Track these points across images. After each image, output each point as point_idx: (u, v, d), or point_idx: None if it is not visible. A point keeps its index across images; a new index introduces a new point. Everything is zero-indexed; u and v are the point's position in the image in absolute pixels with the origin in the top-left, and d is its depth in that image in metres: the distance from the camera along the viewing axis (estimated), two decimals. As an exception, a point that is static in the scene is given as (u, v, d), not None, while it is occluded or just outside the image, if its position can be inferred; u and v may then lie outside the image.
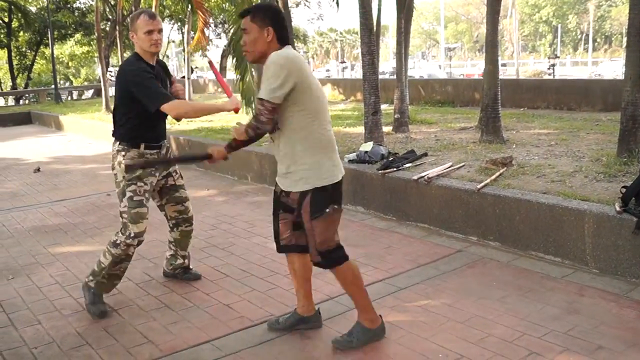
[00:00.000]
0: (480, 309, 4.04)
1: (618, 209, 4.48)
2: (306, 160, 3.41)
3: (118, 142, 4.29)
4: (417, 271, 4.82)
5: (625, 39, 6.86)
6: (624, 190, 4.62)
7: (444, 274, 4.73)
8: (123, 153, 4.26)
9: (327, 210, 3.46)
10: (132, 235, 4.27)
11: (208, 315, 4.19)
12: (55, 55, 28.08)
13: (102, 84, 18.87)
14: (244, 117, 13.18)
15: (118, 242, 4.27)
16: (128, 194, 4.26)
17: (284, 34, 3.49)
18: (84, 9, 31.92)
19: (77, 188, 8.96)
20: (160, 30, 4.23)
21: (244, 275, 4.94)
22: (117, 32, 17.92)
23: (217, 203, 7.52)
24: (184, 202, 4.77)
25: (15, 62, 35.06)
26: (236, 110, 4.22)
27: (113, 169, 4.34)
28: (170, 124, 13.19)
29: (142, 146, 4.31)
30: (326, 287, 4.53)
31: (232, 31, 13.50)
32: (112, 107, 15.50)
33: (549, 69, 33.89)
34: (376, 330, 3.69)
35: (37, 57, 36.47)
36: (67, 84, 41.32)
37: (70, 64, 41.07)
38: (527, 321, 3.83)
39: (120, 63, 27.11)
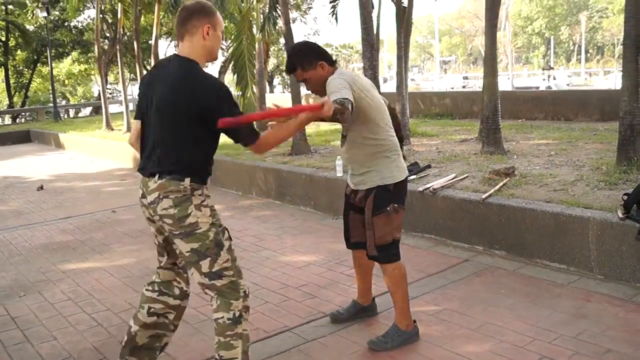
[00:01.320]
0: (490, 316, 4.12)
1: (621, 215, 4.58)
2: (372, 162, 3.68)
3: (189, 179, 3.11)
4: (427, 281, 4.91)
5: (617, 50, 6.99)
6: (625, 197, 4.72)
7: (452, 283, 4.81)
8: (199, 192, 3.18)
9: (388, 208, 3.69)
10: (248, 292, 3.31)
11: (223, 327, 4.26)
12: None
13: (102, 101, 18.97)
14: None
15: (237, 314, 3.20)
16: (226, 244, 3.25)
17: (329, 56, 3.69)
18: (82, 27, 32.06)
19: (82, 205, 9.03)
20: None
21: (255, 289, 5.00)
22: (117, 50, 18.01)
23: (224, 218, 7.45)
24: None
25: (12, 81, 35.17)
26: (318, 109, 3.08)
27: (183, 219, 3.09)
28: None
29: (208, 182, 3.34)
30: (338, 298, 4.63)
31: (231, 48, 13.57)
32: (112, 124, 15.52)
33: (544, 80, 34.12)
34: (410, 333, 3.85)
35: (34, 76, 36.61)
36: (64, 102, 41.41)
37: (67, 82, 41.17)
38: (537, 327, 3.91)
39: (119, 81, 27.26)
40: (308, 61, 3.58)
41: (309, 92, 3.90)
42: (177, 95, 3.03)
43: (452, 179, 6.40)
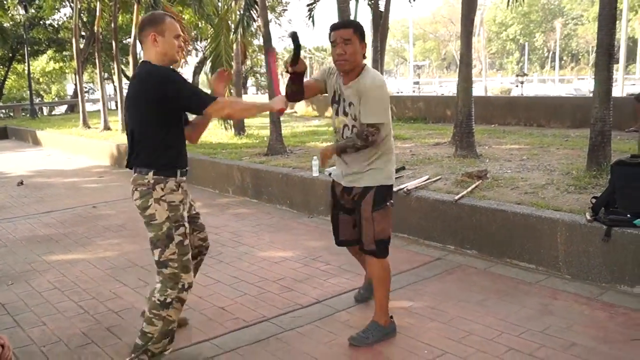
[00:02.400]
0: (461, 311, 4.32)
1: (589, 217, 4.80)
2: (378, 163, 3.92)
3: (152, 172, 3.50)
4: (399, 277, 5.07)
5: (591, 57, 7.24)
6: (594, 200, 4.95)
7: (424, 280, 5.01)
8: (162, 185, 3.52)
9: (387, 204, 3.96)
10: (187, 286, 3.62)
11: (204, 317, 4.41)
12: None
13: (79, 99, 18.96)
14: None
15: (168, 300, 3.54)
16: (177, 238, 3.56)
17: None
18: (57, 25, 31.86)
19: (62, 200, 9.11)
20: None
21: (234, 281, 5.16)
22: (94, 49, 18.01)
23: (201, 215, 7.60)
24: (204, 229, 4.20)
25: (-13, 78, 34.84)
26: (282, 111, 3.79)
27: (145, 209, 3.54)
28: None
29: (179, 173, 3.63)
30: (314, 291, 4.80)
31: (209, 49, 13.68)
32: (89, 122, 15.54)
33: (517, 86, 34.66)
34: (389, 328, 4.02)
35: (9, 73, 36.26)
36: (38, 100, 41.05)
37: (41, 80, 40.85)
38: (505, 321, 4.11)
39: (94, 79, 27.20)
40: (361, 32, 3.85)
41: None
42: (134, 93, 3.50)
43: (426, 180, 6.60)
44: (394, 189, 6.17)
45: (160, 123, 3.49)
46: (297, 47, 3.62)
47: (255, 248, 6.17)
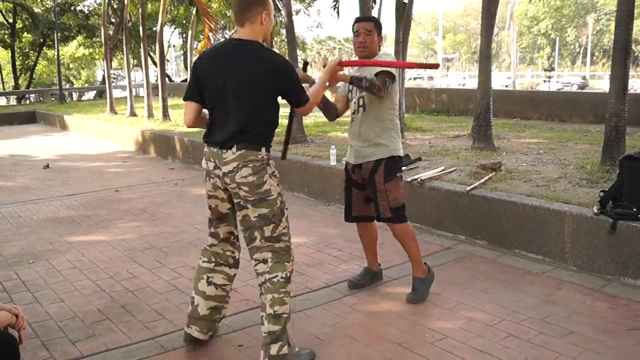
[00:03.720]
0: (465, 298, 4.42)
1: (596, 211, 4.86)
2: (385, 135, 4.33)
3: (264, 149, 3.45)
4: (408, 265, 5.14)
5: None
6: (602, 194, 5.01)
7: (433, 268, 5.08)
8: (272, 161, 3.52)
9: (398, 175, 4.38)
10: (294, 259, 3.69)
11: (216, 298, 4.57)
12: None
13: (106, 85, 19.24)
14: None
15: (288, 274, 3.55)
16: (286, 212, 3.60)
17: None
18: (88, 11, 32.29)
19: (86, 184, 9.34)
20: None
21: (247, 265, 5.20)
22: (122, 36, 18.25)
23: None
24: None
25: (18, 63, 35.44)
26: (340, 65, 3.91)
27: (260, 185, 3.42)
28: (175, 126, 13.59)
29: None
30: (324, 276, 4.93)
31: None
32: (116, 108, 15.81)
33: (544, 81, 34.41)
34: (430, 276, 4.56)
35: (39, 58, 36.85)
36: (68, 85, 41.65)
37: (71, 65, 41.43)
38: (507, 309, 4.21)
39: (122, 66, 27.46)
40: (380, 27, 4.45)
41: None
42: (253, 73, 3.37)
43: (441, 171, 6.69)
44: (409, 180, 6.36)
45: (274, 104, 3.51)
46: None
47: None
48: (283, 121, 4.52)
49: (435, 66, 5.15)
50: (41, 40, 33.93)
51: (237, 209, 3.54)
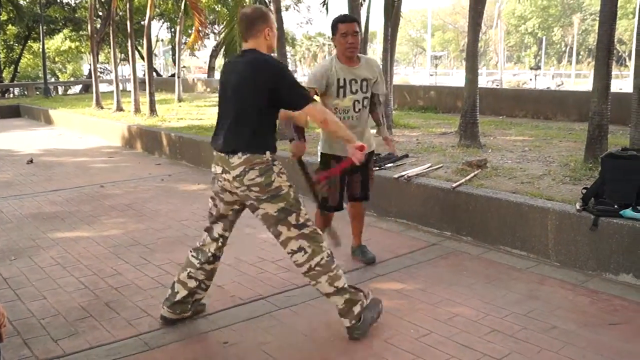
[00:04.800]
0: (450, 294, 4.46)
1: (578, 207, 4.92)
2: (368, 132, 4.95)
3: (268, 152, 3.66)
4: (395, 261, 5.23)
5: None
6: (584, 191, 5.06)
7: (419, 264, 5.14)
8: (278, 162, 3.75)
9: None
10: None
11: (202, 294, 4.57)
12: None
13: (93, 79, 19.13)
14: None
15: (329, 253, 3.83)
16: (302, 202, 3.83)
17: None
18: (74, 4, 32.08)
19: (71, 179, 9.29)
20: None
21: (234, 262, 5.31)
22: (109, 30, 18.14)
23: (208, 196, 7.78)
24: None
25: (2, 56, 35.15)
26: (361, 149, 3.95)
27: (269, 184, 3.64)
28: (162, 121, 13.56)
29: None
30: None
31: (224, 33, 13.82)
32: (102, 103, 15.68)
33: (531, 79, 34.67)
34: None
35: (24, 52, 36.55)
36: (53, 79, 41.37)
37: (57, 59, 41.13)
38: (491, 305, 4.25)
39: (109, 60, 27.33)
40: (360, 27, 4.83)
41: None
42: (244, 73, 3.66)
43: (427, 168, 6.72)
44: (395, 176, 6.40)
45: (272, 108, 3.71)
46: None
47: (258, 229, 6.26)
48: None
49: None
50: (26, 33, 33.59)
51: (252, 210, 3.78)
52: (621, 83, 34.76)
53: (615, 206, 4.71)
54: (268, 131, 3.73)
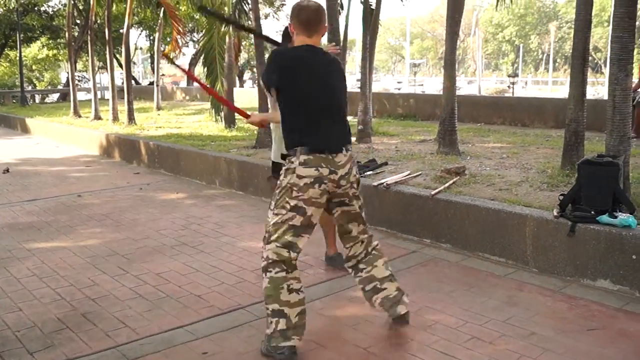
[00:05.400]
0: (429, 301, 4.46)
1: (556, 214, 4.95)
2: None
3: (349, 145, 3.79)
4: (374, 269, 5.23)
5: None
6: (562, 197, 5.10)
7: (398, 271, 5.10)
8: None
9: None
10: None
11: (180, 305, 4.53)
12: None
13: (70, 88, 18.99)
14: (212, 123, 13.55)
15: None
16: None
17: None
18: (52, 12, 31.83)
19: (47, 189, 9.20)
20: None
21: (213, 271, 5.28)
22: (87, 38, 18.03)
23: (187, 205, 7.84)
24: None
25: (-23, 64, 34.81)
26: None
27: (359, 180, 3.91)
28: (141, 129, 13.49)
29: None
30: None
31: (202, 41, 13.80)
32: (80, 111, 15.61)
33: (508, 86, 34.95)
34: None
35: (0, 59, 36.17)
36: (30, 87, 40.97)
37: (34, 67, 40.77)
38: (471, 312, 4.26)
39: (87, 68, 27.12)
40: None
41: None
42: (340, 74, 3.80)
43: (406, 175, 6.74)
44: (374, 184, 6.41)
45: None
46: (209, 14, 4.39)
47: (237, 239, 6.29)
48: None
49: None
50: (3, 41, 33.25)
51: (338, 205, 3.83)
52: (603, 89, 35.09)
53: (592, 212, 4.75)
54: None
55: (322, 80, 3.63)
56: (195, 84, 26.28)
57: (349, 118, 5.18)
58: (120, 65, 24.87)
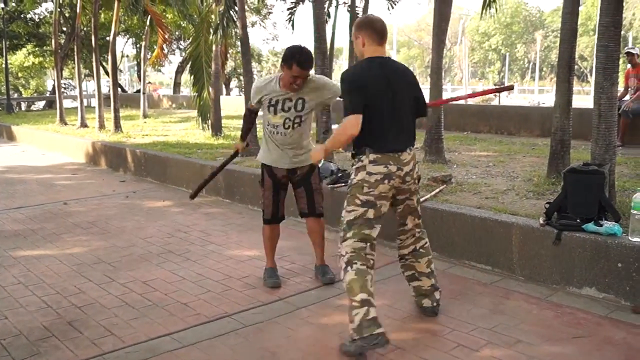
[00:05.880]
0: (416, 309, 4.46)
1: (542, 222, 4.98)
2: (311, 145, 4.97)
3: (413, 145, 4.11)
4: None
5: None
6: (547, 205, 5.13)
7: (386, 279, 5.16)
8: None
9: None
10: None
11: (166, 312, 4.52)
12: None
13: (57, 95, 18.91)
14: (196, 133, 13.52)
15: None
16: None
17: None
18: (38, 20, 31.72)
19: (34, 197, 9.14)
20: None
21: (199, 279, 5.27)
22: (74, 45, 17.98)
23: (173, 213, 7.82)
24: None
25: (-37, 71, 34.53)
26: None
27: (419, 178, 4.24)
28: (127, 137, 13.45)
29: None
30: (277, 289, 4.93)
31: (189, 49, 13.79)
32: (66, 119, 15.53)
33: (495, 96, 35.09)
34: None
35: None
36: (16, 95, 40.71)
37: (20, 74, 40.53)
38: (457, 319, 4.27)
39: (73, 75, 27.02)
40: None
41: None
42: (413, 81, 4.13)
43: (393, 183, 6.75)
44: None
45: None
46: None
47: (223, 247, 6.28)
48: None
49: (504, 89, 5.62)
50: (-12, 48, 33.13)
51: (400, 202, 4.15)
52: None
53: (578, 220, 4.77)
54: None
55: (398, 87, 3.96)
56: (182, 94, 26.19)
57: (335, 126, 5.24)
58: (107, 73, 24.82)
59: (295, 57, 4.55)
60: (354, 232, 3.90)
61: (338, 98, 4.66)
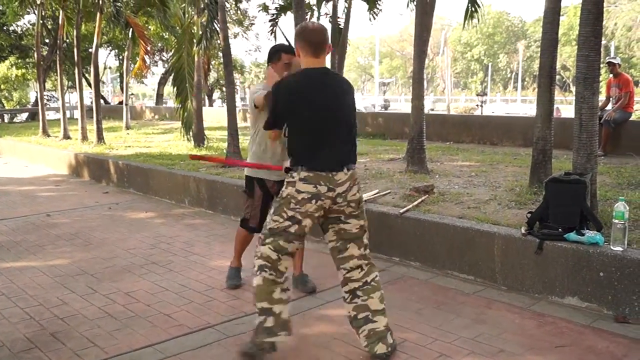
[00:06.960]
0: (399, 319, 4.46)
1: (523, 231, 5.01)
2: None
3: (352, 164, 3.85)
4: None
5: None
6: (529, 215, 5.17)
7: (368, 290, 5.16)
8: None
9: None
10: None
11: (149, 324, 4.50)
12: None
13: (39, 107, 18.80)
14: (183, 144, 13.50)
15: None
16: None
17: None
18: (21, 32, 31.56)
19: (16, 208, 9.08)
20: None
21: (182, 290, 5.26)
22: (56, 57, 17.90)
23: (156, 225, 7.79)
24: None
25: (-55, 84, 34.27)
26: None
27: (361, 200, 3.91)
28: (110, 149, 13.40)
29: None
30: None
31: (172, 60, 13.79)
32: (49, 131, 15.45)
33: (477, 105, 35.41)
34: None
35: (-32, 79, 35.70)
36: (-1, 107, 40.48)
37: (2, 86, 40.28)
38: (440, 329, 4.29)
39: (56, 87, 26.88)
40: None
41: (246, 104, 4.64)
42: (348, 96, 3.86)
43: (375, 194, 6.78)
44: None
45: None
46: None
47: (206, 257, 6.27)
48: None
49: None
50: (-30, 60, 32.90)
51: (332, 222, 3.87)
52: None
53: (560, 230, 4.81)
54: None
55: (331, 102, 3.75)
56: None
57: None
58: (89, 85, 24.72)
59: (280, 49, 4.72)
60: (271, 240, 3.78)
61: None
